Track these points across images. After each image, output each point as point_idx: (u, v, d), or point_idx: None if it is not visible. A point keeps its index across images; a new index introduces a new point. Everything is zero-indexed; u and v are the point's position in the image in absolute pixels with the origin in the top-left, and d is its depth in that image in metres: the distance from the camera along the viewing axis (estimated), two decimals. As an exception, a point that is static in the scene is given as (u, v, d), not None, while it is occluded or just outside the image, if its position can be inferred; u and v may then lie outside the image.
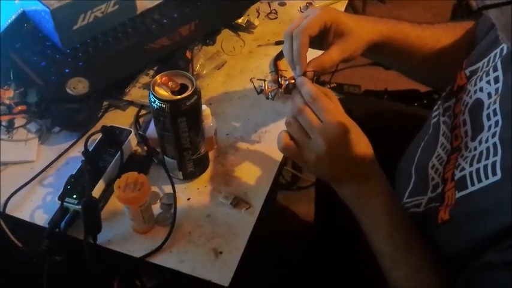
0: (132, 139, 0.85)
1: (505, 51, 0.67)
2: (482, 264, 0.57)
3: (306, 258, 1.23)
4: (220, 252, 0.73)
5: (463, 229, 0.61)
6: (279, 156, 0.84)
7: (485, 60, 0.71)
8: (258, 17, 1.09)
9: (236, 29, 1.08)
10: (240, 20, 1.07)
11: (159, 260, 0.72)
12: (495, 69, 0.67)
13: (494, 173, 0.58)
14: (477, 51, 0.74)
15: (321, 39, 0.75)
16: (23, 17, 0.95)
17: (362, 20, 0.78)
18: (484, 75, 0.68)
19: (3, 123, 0.88)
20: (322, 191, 1.18)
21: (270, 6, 1.12)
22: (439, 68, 0.82)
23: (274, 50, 1.03)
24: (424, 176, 0.75)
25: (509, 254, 0.54)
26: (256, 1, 1.09)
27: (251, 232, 0.75)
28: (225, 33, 1.07)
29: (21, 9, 0.95)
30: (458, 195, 0.63)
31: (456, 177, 0.65)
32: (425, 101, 1.54)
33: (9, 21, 0.94)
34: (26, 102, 0.89)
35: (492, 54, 0.70)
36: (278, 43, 1.04)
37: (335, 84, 1.71)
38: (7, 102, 0.89)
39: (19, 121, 0.89)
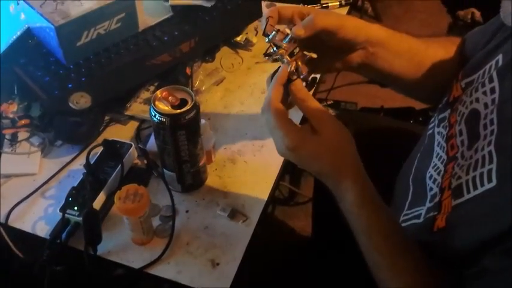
0: (133, 152, 0.87)
1: (500, 63, 0.69)
2: (478, 270, 0.57)
3: (303, 272, 1.24)
4: (218, 263, 0.74)
5: (458, 235, 0.61)
6: (275, 169, 0.86)
7: (481, 72, 0.73)
8: (256, 35, 1.12)
9: (235, 46, 1.11)
10: (238, 38, 1.10)
11: (158, 271, 0.74)
12: (491, 80, 0.68)
13: (489, 180, 0.59)
14: (472, 64, 0.76)
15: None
16: (28, 33, 0.98)
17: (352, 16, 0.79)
18: (480, 86, 0.70)
19: (7, 137, 0.90)
20: (320, 206, 1.20)
21: (268, 25, 1.15)
22: (432, 77, 0.83)
23: (272, 67, 1.03)
24: (422, 186, 0.76)
25: (505, 259, 0.55)
26: (254, 19, 1.11)
27: (248, 243, 0.76)
28: (224, 51, 1.10)
29: (26, 25, 0.98)
30: (454, 203, 0.64)
31: (453, 186, 0.66)
32: (420, 119, 1.57)
33: (15, 37, 0.96)
34: (30, 116, 0.92)
35: (487, 66, 0.71)
36: (275, 60, 1.07)
37: (332, 101, 1.74)
38: (11, 116, 0.91)
39: (22, 134, 0.91)
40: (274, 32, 0.70)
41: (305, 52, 0.70)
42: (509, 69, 0.67)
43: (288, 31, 0.70)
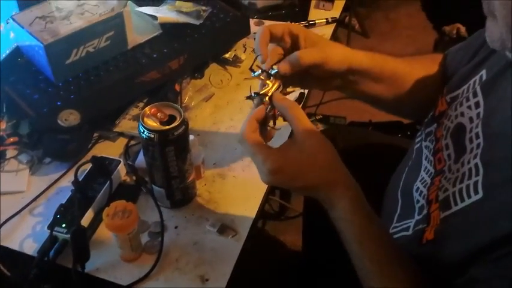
0: (121, 169, 0.87)
1: (484, 78, 0.71)
2: (466, 279, 0.58)
3: (293, 287, 1.23)
4: (207, 279, 0.74)
5: (446, 247, 0.62)
6: (264, 184, 0.87)
7: (465, 86, 0.74)
8: (244, 52, 1.13)
9: (223, 63, 1.12)
10: (227, 55, 1.11)
11: (147, 287, 0.73)
12: (475, 95, 0.70)
13: (476, 192, 0.61)
14: (457, 79, 0.78)
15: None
16: (17, 52, 0.98)
17: (336, 43, 0.80)
18: (465, 100, 0.72)
19: (-5, 154, 0.90)
20: (310, 221, 1.20)
21: (256, 42, 1.17)
22: (415, 97, 0.85)
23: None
24: (409, 199, 0.77)
25: (492, 268, 0.56)
26: (242, 37, 1.13)
27: (237, 258, 0.76)
28: (213, 67, 1.11)
29: (16, 44, 0.99)
30: (442, 215, 0.65)
31: (440, 198, 0.67)
32: (408, 132, 1.59)
33: (4, 55, 0.97)
34: (18, 133, 0.92)
35: (472, 81, 0.73)
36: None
37: (321, 116, 1.76)
38: (-1, 133, 0.91)
39: (10, 152, 0.91)
40: (260, 71, 0.72)
41: (288, 90, 0.73)
42: (493, 84, 0.68)
43: (275, 67, 0.72)
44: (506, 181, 0.58)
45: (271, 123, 0.71)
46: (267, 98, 0.70)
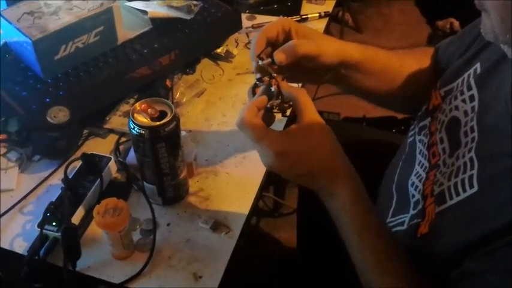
0: (112, 166, 0.86)
1: (478, 71, 0.71)
2: (461, 272, 0.58)
3: (288, 284, 1.23)
4: (200, 277, 0.73)
5: (441, 240, 0.62)
6: (258, 180, 0.86)
7: (460, 80, 0.74)
8: (236, 47, 1.12)
9: (215, 58, 1.11)
10: (219, 50, 1.10)
11: (139, 285, 0.73)
12: (469, 88, 0.70)
13: (471, 186, 0.61)
14: (450, 72, 0.78)
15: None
16: (5, 48, 0.97)
17: (328, 36, 0.79)
18: (459, 94, 0.72)
19: (-16, 153, 0.88)
20: (305, 218, 1.20)
21: (248, 37, 1.16)
22: (407, 91, 0.85)
23: (253, 78, 1.04)
24: (405, 194, 0.77)
25: (487, 261, 0.56)
26: (234, 32, 1.12)
27: (231, 255, 0.76)
28: (205, 63, 1.10)
29: (4, 40, 0.97)
30: (438, 209, 0.65)
31: (435, 193, 0.67)
32: (402, 127, 1.59)
33: (-8, 52, 0.96)
34: (7, 131, 0.90)
35: (466, 75, 0.73)
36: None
37: (315, 112, 1.75)
38: (-13, 132, 0.90)
39: (-1, 150, 0.90)
40: (270, 59, 0.71)
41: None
42: (488, 77, 0.68)
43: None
44: (501, 175, 0.57)
45: (276, 111, 0.70)
46: (275, 86, 0.69)
